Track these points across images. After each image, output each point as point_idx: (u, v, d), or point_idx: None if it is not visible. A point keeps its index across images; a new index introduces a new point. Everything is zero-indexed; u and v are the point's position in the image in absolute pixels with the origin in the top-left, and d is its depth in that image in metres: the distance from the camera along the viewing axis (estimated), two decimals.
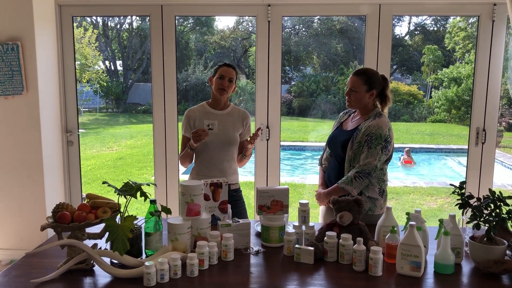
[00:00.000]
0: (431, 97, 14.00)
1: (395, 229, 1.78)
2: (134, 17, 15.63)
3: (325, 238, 1.82)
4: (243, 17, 15.10)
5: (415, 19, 16.15)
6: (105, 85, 14.80)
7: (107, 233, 1.66)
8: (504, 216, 1.71)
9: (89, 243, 1.79)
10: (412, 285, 1.63)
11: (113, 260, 1.75)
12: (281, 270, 1.75)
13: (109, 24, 16.47)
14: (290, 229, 1.94)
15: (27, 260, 1.82)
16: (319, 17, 14.82)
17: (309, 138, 11.63)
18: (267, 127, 3.69)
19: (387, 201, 2.38)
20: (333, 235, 1.81)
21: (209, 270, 1.73)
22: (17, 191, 3.59)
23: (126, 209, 1.78)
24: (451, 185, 1.85)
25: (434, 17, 15.22)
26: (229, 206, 2.10)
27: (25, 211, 3.61)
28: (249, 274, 1.72)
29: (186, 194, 1.83)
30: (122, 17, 15.54)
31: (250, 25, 15.79)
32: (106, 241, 1.64)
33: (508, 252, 1.77)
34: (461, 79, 12.59)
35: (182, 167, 2.97)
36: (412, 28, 16.59)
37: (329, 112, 13.83)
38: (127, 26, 16.51)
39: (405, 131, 12.20)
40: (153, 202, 1.86)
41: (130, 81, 15.90)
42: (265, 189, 2.00)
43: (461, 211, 1.81)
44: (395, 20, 15.20)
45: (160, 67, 3.70)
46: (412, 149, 9.62)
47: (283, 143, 4.35)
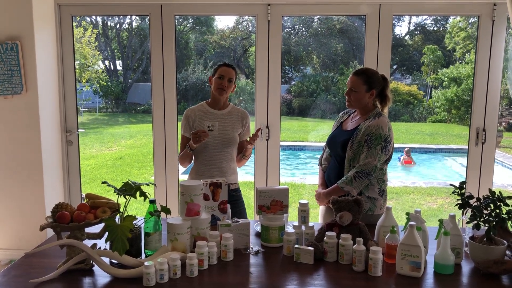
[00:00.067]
0: (431, 97, 14.00)
1: (395, 229, 1.78)
2: (133, 16, 15.63)
3: (325, 238, 1.82)
4: (243, 16, 15.10)
5: (415, 19, 16.16)
6: (104, 84, 14.79)
7: (106, 233, 1.66)
8: (504, 216, 1.71)
9: (89, 243, 1.79)
10: (412, 285, 1.63)
11: (112, 260, 1.74)
12: (280, 270, 1.75)
13: (108, 24, 16.46)
14: (289, 229, 1.94)
15: (26, 260, 1.82)
16: (319, 17, 14.81)
17: (309, 138, 11.63)
18: (267, 127, 3.69)
19: (387, 201, 2.38)
20: (332, 235, 1.81)
21: (208, 270, 1.73)
22: (16, 191, 3.59)
23: (125, 209, 1.78)
24: (451, 185, 1.85)
25: (434, 17, 15.22)
26: (228, 206, 2.10)
27: (24, 211, 3.60)
28: (248, 274, 1.72)
29: (186, 194, 1.83)
30: (122, 16, 15.53)
31: (250, 25, 15.79)
32: (106, 241, 1.64)
33: (508, 252, 1.77)
34: (461, 79, 12.58)
35: (181, 167, 2.97)
36: (412, 28, 16.59)
37: (329, 112, 13.82)
38: (127, 26, 16.50)
39: (405, 131, 12.20)
40: (152, 202, 1.86)
41: (129, 80, 15.89)
42: (264, 189, 2.00)
43: (461, 211, 1.81)
44: (395, 20, 15.19)
45: (159, 66, 3.70)
46: (412, 149, 9.61)
47: (282, 143, 4.35)
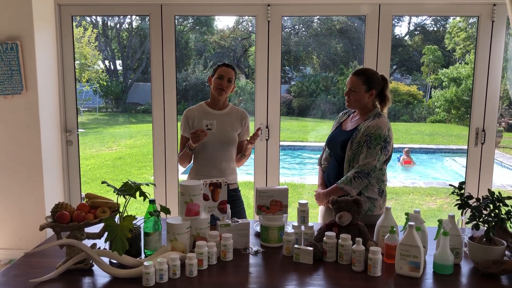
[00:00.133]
0: (430, 97, 14.00)
1: (394, 229, 1.78)
2: (133, 16, 15.62)
3: (324, 238, 1.82)
4: (243, 17, 15.09)
5: (415, 19, 16.15)
6: (104, 84, 14.78)
7: (106, 233, 1.66)
8: (503, 216, 1.71)
9: (88, 243, 1.79)
10: (411, 285, 1.63)
11: (112, 260, 1.75)
12: (280, 270, 1.75)
13: (108, 24, 16.46)
14: (289, 229, 1.94)
15: (26, 259, 1.82)
16: (318, 17, 14.81)
17: (308, 138, 11.63)
18: (267, 127, 3.69)
19: (386, 201, 2.38)
20: (332, 235, 1.81)
21: (208, 270, 1.73)
22: (16, 191, 3.59)
23: (125, 209, 1.78)
24: (450, 185, 1.85)
25: (434, 17, 15.22)
26: (228, 206, 2.10)
27: (24, 211, 3.60)
28: (248, 274, 1.72)
29: (185, 194, 1.83)
30: (122, 16, 15.53)
31: (249, 25, 15.79)
32: (105, 241, 1.64)
33: (507, 252, 1.77)
34: (460, 79, 12.57)
35: (181, 167, 2.97)
36: (412, 28, 16.59)
37: (328, 112, 13.82)
38: (127, 26, 16.50)
39: (404, 131, 12.20)
40: (152, 202, 1.86)
41: (129, 80, 15.89)
42: (264, 189, 2.00)
43: (460, 211, 1.81)
44: (395, 20, 15.19)
45: (159, 66, 3.70)
46: (411, 149, 9.62)
47: (282, 143, 4.35)
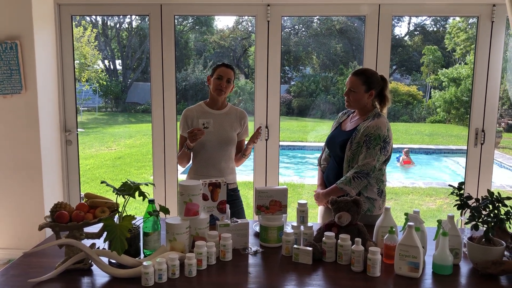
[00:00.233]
0: (430, 97, 14.00)
1: (394, 229, 1.78)
2: (133, 16, 15.61)
3: (324, 238, 1.82)
4: (243, 17, 15.09)
5: (414, 20, 16.16)
6: (104, 84, 14.78)
7: (105, 233, 1.66)
8: (502, 217, 1.71)
9: (87, 242, 1.79)
10: (410, 285, 1.63)
11: (111, 260, 1.75)
12: (279, 270, 1.75)
13: (108, 23, 16.46)
14: (288, 229, 1.94)
15: (25, 259, 1.82)
16: (318, 17, 14.82)
17: (308, 138, 11.63)
18: (266, 127, 3.69)
19: (386, 201, 2.38)
20: (331, 235, 1.81)
21: (207, 270, 1.73)
22: (15, 190, 3.59)
23: (124, 208, 1.78)
24: (450, 185, 1.86)
25: (433, 17, 15.22)
26: (227, 206, 2.10)
27: (23, 210, 3.60)
28: (247, 274, 1.72)
29: (185, 194, 1.83)
30: (122, 16, 15.53)
31: (249, 25, 15.79)
32: (104, 241, 1.64)
33: (506, 253, 1.77)
34: (460, 80, 12.57)
35: (180, 167, 2.97)
36: (411, 28, 16.61)
37: (328, 112, 13.83)
38: (127, 26, 16.50)
39: (404, 132, 12.20)
40: (151, 201, 1.86)
41: (129, 80, 15.89)
42: (263, 189, 2.00)
43: (460, 211, 1.81)
44: (395, 20, 15.20)
45: (159, 66, 3.70)
46: (411, 150, 9.62)
47: (282, 143, 4.35)
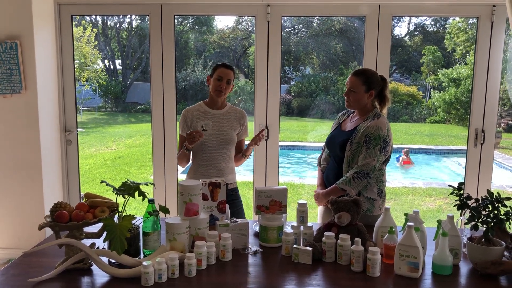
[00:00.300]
0: (430, 97, 14.00)
1: (393, 229, 1.78)
2: (133, 16, 15.61)
3: (323, 238, 1.82)
4: (243, 17, 15.09)
5: (414, 20, 16.16)
6: (104, 84, 14.78)
7: (105, 233, 1.66)
8: (502, 217, 1.71)
9: (87, 242, 1.79)
10: (410, 286, 1.63)
11: (111, 260, 1.75)
12: (279, 270, 1.75)
13: (108, 23, 16.46)
14: (288, 229, 1.94)
15: (25, 259, 1.82)
16: (318, 17, 14.82)
17: (308, 138, 11.63)
18: (266, 127, 3.69)
19: (386, 201, 2.38)
20: (331, 235, 1.81)
21: (207, 270, 1.73)
22: (15, 190, 3.59)
23: (124, 208, 1.78)
24: (449, 186, 1.86)
25: (433, 18, 15.22)
26: (227, 206, 2.10)
27: (23, 210, 3.60)
28: (247, 274, 1.72)
29: (185, 194, 1.83)
30: (122, 16, 15.52)
31: (249, 25, 15.79)
32: (104, 241, 1.64)
33: (505, 253, 1.77)
34: (460, 80, 12.56)
35: (180, 166, 2.97)
36: (411, 28, 16.61)
37: (328, 112, 13.83)
38: (127, 25, 16.50)
39: (404, 132, 12.20)
40: (151, 201, 1.86)
41: (129, 80, 15.88)
42: (263, 189, 2.00)
43: (460, 212, 1.81)
44: (395, 20, 15.20)
45: (159, 66, 3.70)
46: (411, 150, 9.62)
47: (282, 143, 4.35)
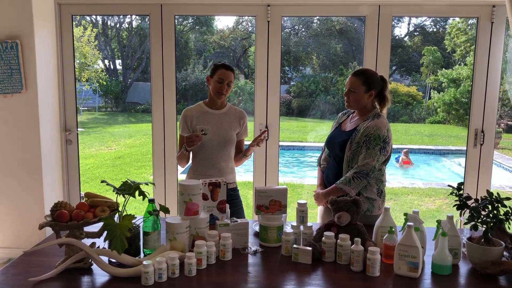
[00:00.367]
0: (430, 98, 13.99)
1: (393, 229, 1.78)
2: (133, 16, 15.61)
3: (323, 238, 1.82)
4: (243, 17, 15.09)
5: (414, 20, 16.15)
6: (104, 84, 14.76)
7: (105, 232, 1.66)
8: (501, 217, 1.72)
9: (87, 242, 1.79)
10: (410, 285, 1.64)
11: (111, 259, 1.75)
12: (279, 270, 1.75)
13: (108, 23, 16.44)
14: (288, 229, 1.94)
15: (25, 258, 1.82)
16: (318, 17, 14.81)
17: (308, 139, 11.63)
18: (266, 127, 3.70)
19: (385, 201, 2.39)
20: (331, 235, 1.82)
21: (207, 270, 1.74)
22: (15, 190, 3.59)
23: (124, 208, 1.78)
24: (449, 186, 1.86)
25: (433, 18, 15.22)
26: (227, 205, 2.11)
27: (23, 210, 3.60)
28: (247, 274, 1.72)
29: (185, 194, 1.84)
30: (122, 16, 15.52)
31: (249, 25, 15.78)
32: (104, 240, 1.64)
33: (505, 253, 1.78)
34: (460, 80, 12.56)
35: (180, 166, 2.97)
36: (411, 29, 16.60)
37: (328, 112, 13.82)
38: (127, 25, 16.48)
39: (404, 132, 12.20)
40: (151, 201, 1.86)
41: (129, 80, 15.87)
42: (263, 189, 2.00)
43: (459, 212, 1.82)
44: (395, 21, 15.19)
45: (159, 66, 3.70)
46: (410, 150, 9.62)
47: (282, 143, 4.35)
